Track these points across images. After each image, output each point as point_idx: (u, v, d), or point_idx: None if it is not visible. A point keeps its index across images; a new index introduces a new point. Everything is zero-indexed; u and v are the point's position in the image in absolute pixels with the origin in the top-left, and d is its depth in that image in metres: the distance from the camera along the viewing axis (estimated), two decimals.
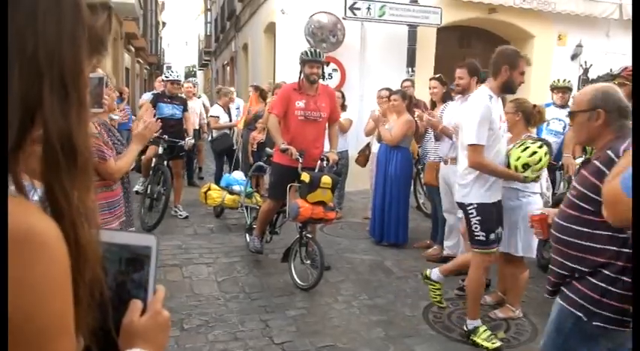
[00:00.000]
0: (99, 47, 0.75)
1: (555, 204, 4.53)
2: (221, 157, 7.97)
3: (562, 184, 5.54)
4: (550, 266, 2.21)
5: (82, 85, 0.68)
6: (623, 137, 2.00)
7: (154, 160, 6.14)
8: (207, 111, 9.09)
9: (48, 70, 0.63)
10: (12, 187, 0.64)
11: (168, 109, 6.24)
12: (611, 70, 4.66)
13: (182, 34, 45.41)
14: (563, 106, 5.65)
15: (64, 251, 0.63)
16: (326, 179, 4.19)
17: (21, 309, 0.59)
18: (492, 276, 4.33)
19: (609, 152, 1.96)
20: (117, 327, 0.84)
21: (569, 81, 5.89)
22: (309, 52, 4.51)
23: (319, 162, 4.41)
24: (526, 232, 3.69)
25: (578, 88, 9.74)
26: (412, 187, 6.92)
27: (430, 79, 5.47)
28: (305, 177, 4.18)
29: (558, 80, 5.90)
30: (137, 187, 7.08)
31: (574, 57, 9.99)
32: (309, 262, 4.35)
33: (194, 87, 8.66)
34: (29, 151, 0.65)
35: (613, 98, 2.12)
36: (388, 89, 6.04)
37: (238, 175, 6.33)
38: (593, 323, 1.97)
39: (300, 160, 4.28)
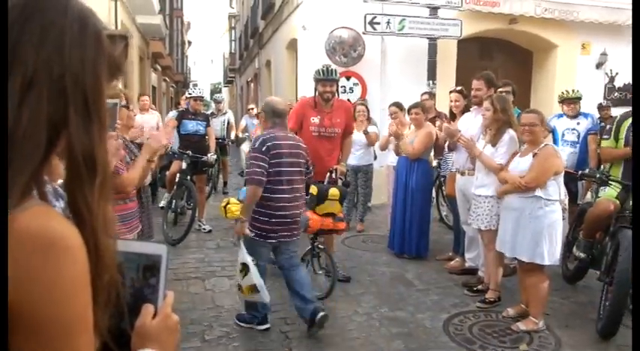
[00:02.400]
0: (116, 73, 0.83)
1: (579, 214, 4.48)
2: None
3: (589, 194, 5.46)
4: None
5: (102, 106, 0.76)
6: None
7: (178, 175, 6.27)
8: (230, 128, 9.23)
9: (73, 94, 0.71)
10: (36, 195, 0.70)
11: (192, 126, 6.39)
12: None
13: (207, 53, 46.39)
14: (575, 116, 5.59)
15: (85, 256, 0.69)
16: (334, 191, 4.23)
17: (47, 307, 0.65)
18: (515, 289, 4.29)
19: None
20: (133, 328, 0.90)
21: (577, 91, 5.83)
22: (321, 71, 4.56)
23: (327, 174, 4.45)
24: (551, 241, 3.66)
25: (604, 97, 9.62)
26: (435, 199, 6.92)
27: (451, 92, 5.47)
28: (313, 190, 4.24)
29: (567, 91, 5.85)
30: (162, 203, 7.23)
31: (599, 65, 9.86)
32: (321, 272, 4.37)
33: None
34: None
35: None
36: (396, 104, 6.06)
37: None
38: None
39: (311, 174, 4.33)
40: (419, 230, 5.42)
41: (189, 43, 35.79)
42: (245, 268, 3.51)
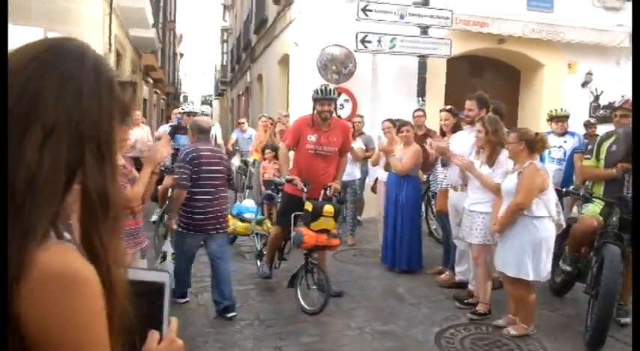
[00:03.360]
0: (125, 117, 0.91)
1: (564, 230, 4.61)
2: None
3: (575, 208, 5.61)
4: None
5: (114, 149, 0.83)
6: None
7: (170, 190, 6.28)
8: (217, 143, 9.13)
9: (89, 139, 0.78)
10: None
11: (186, 140, 6.45)
12: (614, 102, 4.79)
13: (199, 64, 46.44)
14: (563, 134, 5.76)
15: (100, 289, 0.76)
16: (328, 208, 4.32)
17: (69, 336, 0.72)
18: (504, 300, 4.39)
19: None
20: None
21: (565, 109, 6.02)
22: (319, 91, 4.65)
23: (322, 191, 4.53)
24: (534, 257, 3.77)
25: (590, 115, 9.85)
26: (424, 214, 7.02)
27: (441, 111, 5.59)
28: (308, 206, 4.33)
29: (556, 110, 6.03)
30: (154, 217, 7.24)
31: (584, 84, 10.10)
32: (315, 287, 4.44)
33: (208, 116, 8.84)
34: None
35: None
36: (390, 120, 6.20)
37: (249, 202, 6.48)
38: None
39: (305, 190, 4.43)
40: (409, 245, 5.51)
41: (182, 55, 35.90)
42: (164, 256, 4.26)
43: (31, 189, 0.71)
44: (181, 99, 36.69)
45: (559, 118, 5.90)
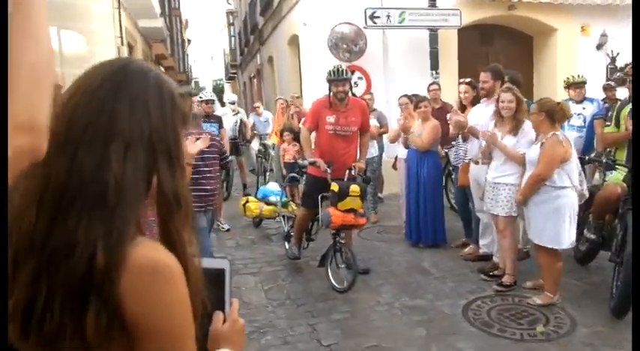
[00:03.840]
0: (186, 124, 1.01)
1: (590, 195, 4.65)
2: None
3: (597, 175, 5.62)
4: None
5: (181, 153, 0.93)
6: None
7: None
8: (245, 127, 9.12)
9: (160, 147, 0.89)
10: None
11: (206, 128, 6.54)
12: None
13: (207, 49, 46.39)
14: (581, 100, 5.71)
15: (183, 278, 0.86)
16: (354, 188, 4.41)
17: (162, 320, 0.83)
18: (529, 271, 4.48)
19: None
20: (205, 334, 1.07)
21: (582, 75, 5.96)
22: (332, 72, 4.70)
23: (347, 171, 4.62)
24: (555, 225, 3.85)
25: (607, 78, 9.72)
26: (444, 188, 7.08)
27: (460, 84, 5.57)
28: (334, 187, 4.42)
29: (573, 77, 5.99)
30: None
31: (599, 47, 9.94)
32: (343, 266, 4.56)
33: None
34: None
35: None
36: (406, 96, 6.22)
37: (273, 186, 6.61)
38: None
39: (329, 172, 4.52)
40: (433, 219, 5.59)
41: (189, 41, 35.82)
42: None
43: (119, 195, 0.82)
44: (192, 85, 36.76)
45: (576, 85, 5.87)
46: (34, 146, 0.61)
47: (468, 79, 5.59)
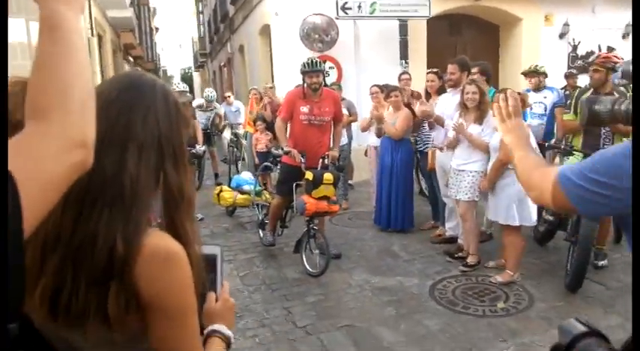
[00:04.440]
0: (187, 127, 1.18)
1: None
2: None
3: (557, 160, 5.90)
4: None
5: (184, 153, 1.08)
6: None
7: None
8: (219, 119, 9.15)
9: (167, 149, 1.03)
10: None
11: None
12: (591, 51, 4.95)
13: (175, 38, 45.61)
14: (538, 89, 5.96)
15: (188, 262, 1.01)
16: (328, 176, 4.58)
17: (173, 299, 0.98)
18: (491, 251, 4.73)
19: None
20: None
21: (542, 67, 6.21)
22: (306, 64, 4.83)
23: (320, 160, 4.78)
24: (521, 204, 4.12)
25: (569, 66, 10.08)
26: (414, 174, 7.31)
27: (427, 73, 5.78)
28: (309, 175, 4.58)
29: (530, 67, 6.25)
30: None
31: (562, 36, 10.29)
32: (317, 251, 4.73)
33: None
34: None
35: None
36: (377, 85, 6.40)
37: (247, 175, 6.72)
38: None
39: (303, 161, 4.67)
40: (403, 205, 5.80)
41: (157, 29, 35.21)
42: None
43: (135, 193, 0.96)
44: (160, 74, 36.21)
45: (531, 74, 6.13)
46: (86, 160, 0.72)
47: (435, 70, 5.79)
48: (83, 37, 0.78)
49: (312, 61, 4.84)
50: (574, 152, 4.53)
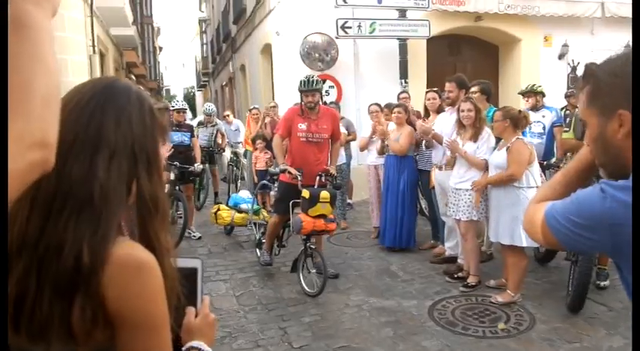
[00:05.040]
0: (163, 135, 1.11)
1: None
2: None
3: None
4: None
5: (159, 161, 1.03)
6: None
7: (166, 186, 6.45)
8: (221, 138, 9.18)
9: (140, 155, 0.99)
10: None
11: (178, 137, 6.57)
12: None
13: (179, 57, 46.10)
14: (536, 108, 5.94)
15: (160, 273, 0.96)
16: (324, 194, 4.54)
17: (142, 311, 0.92)
18: (491, 273, 4.65)
19: None
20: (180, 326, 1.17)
21: (533, 85, 6.19)
22: (303, 83, 4.83)
23: (317, 178, 4.74)
24: None
25: (568, 87, 10.09)
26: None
27: (428, 92, 5.80)
28: (305, 193, 4.53)
29: (527, 87, 6.25)
30: None
31: (561, 56, 10.33)
32: (314, 270, 4.67)
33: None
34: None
35: None
36: (377, 104, 6.41)
37: (245, 193, 6.68)
38: None
39: (300, 179, 4.63)
40: (409, 223, 5.75)
41: (161, 48, 35.59)
42: None
43: (104, 199, 0.91)
44: (163, 93, 36.48)
45: (528, 94, 6.12)
46: (46, 160, 0.69)
47: (435, 89, 5.81)
48: (52, 38, 0.75)
49: (308, 80, 4.83)
50: None
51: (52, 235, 0.88)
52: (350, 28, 8.40)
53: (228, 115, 10.13)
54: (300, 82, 4.86)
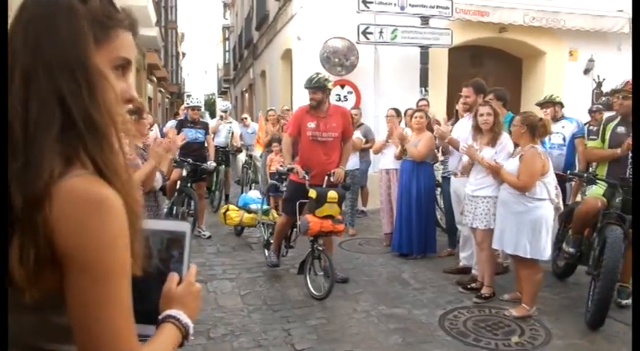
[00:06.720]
0: (99, 31, 0.88)
1: (568, 213, 4.67)
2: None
3: (580, 196, 5.64)
4: None
5: (89, 71, 0.84)
6: None
7: (178, 182, 6.40)
8: (234, 138, 9.14)
9: (60, 70, 0.82)
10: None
11: (192, 134, 6.54)
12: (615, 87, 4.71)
13: (201, 64, 46.80)
14: (556, 119, 5.74)
15: (124, 213, 0.82)
16: (332, 194, 4.41)
17: (94, 252, 0.79)
18: (507, 285, 4.46)
19: None
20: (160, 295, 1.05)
21: (551, 96, 5.99)
22: (307, 80, 4.74)
23: (326, 178, 4.61)
24: (534, 235, 3.87)
25: (593, 102, 9.85)
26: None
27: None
28: (312, 193, 4.41)
29: (545, 97, 6.07)
30: (164, 209, 7.35)
31: (586, 71, 10.11)
32: (321, 273, 4.53)
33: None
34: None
35: None
36: (395, 109, 6.28)
37: (254, 194, 6.58)
38: None
39: (307, 178, 4.51)
40: (426, 230, 5.60)
41: (184, 54, 36.05)
42: None
43: (25, 128, 0.79)
44: (185, 97, 36.84)
45: (546, 104, 5.94)
46: None
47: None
48: None
49: (311, 78, 4.72)
50: (597, 181, 4.31)
51: None
52: (371, 33, 8.32)
53: (245, 118, 10.11)
54: (307, 79, 4.77)
